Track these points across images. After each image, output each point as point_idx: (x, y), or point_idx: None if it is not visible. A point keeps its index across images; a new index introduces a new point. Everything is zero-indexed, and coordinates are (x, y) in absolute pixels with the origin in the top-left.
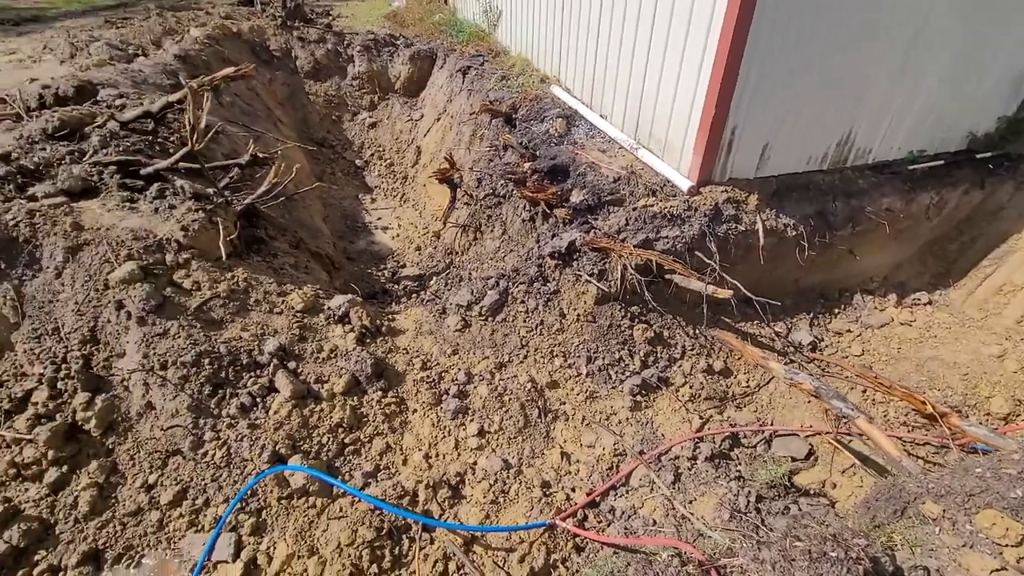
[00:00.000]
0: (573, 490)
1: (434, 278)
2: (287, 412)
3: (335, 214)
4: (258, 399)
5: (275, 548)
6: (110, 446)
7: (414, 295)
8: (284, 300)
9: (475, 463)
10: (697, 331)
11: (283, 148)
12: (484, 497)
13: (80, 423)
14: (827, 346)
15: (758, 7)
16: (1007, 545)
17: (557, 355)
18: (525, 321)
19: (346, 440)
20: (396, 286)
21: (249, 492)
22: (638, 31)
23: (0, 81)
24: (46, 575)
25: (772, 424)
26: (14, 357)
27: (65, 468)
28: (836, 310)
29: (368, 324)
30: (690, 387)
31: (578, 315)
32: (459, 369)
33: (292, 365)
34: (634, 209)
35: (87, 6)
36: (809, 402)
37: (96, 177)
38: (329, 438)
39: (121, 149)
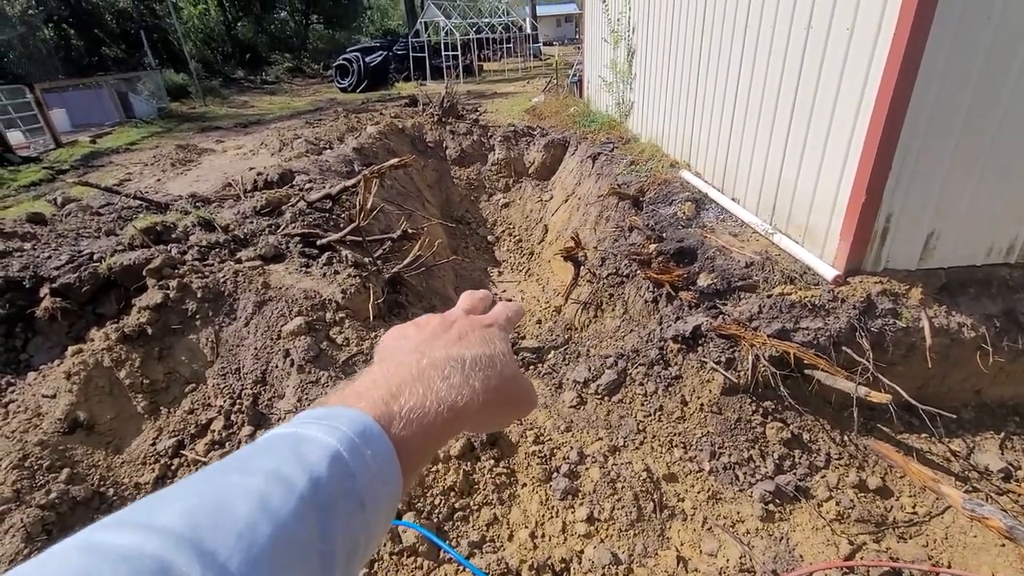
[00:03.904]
0: None
1: (552, 352)
2: None
3: (464, 284)
4: None
5: None
6: None
7: (532, 367)
8: None
9: (582, 551)
10: (846, 438)
11: (428, 225)
12: None
13: None
14: None
15: (915, 92)
16: None
17: (676, 445)
18: (643, 405)
19: (456, 505)
20: (515, 356)
21: None
22: (776, 114)
23: (229, 169)
24: None
25: (950, 567)
26: (205, 389)
27: None
28: None
29: None
30: (837, 503)
31: (702, 404)
32: (571, 447)
33: None
34: (769, 296)
35: (293, 111)
36: (1003, 545)
37: (284, 245)
38: (441, 500)
39: (305, 223)
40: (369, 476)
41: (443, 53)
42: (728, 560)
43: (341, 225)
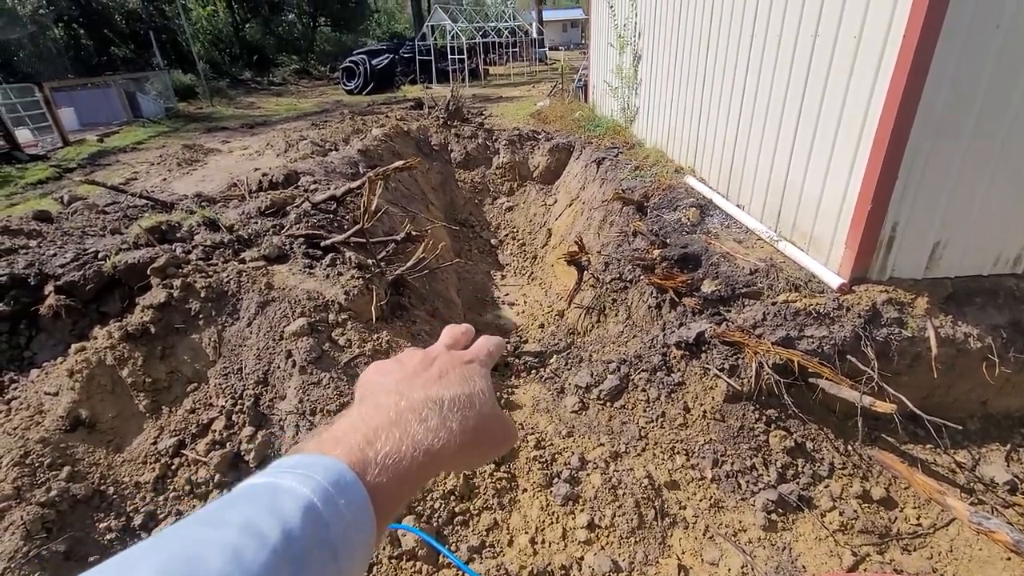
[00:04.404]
0: None
1: (555, 356)
2: None
3: (467, 287)
4: None
5: None
6: None
7: (534, 371)
8: None
9: (582, 558)
10: (850, 448)
11: (432, 227)
12: None
13: (243, 454)
14: None
15: (923, 100)
16: None
17: (679, 452)
18: (645, 411)
19: (456, 509)
20: (517, 360)
21: None
22: (782, 120)
23: (235, 170)
24: None
25: None
26: (207, 389)
27: (225, 492)
28: None
29: None
30: (840, 514)
31: (704, 411)
32: (573, 453)
33: None
34: (773, 304)
35: (299, 113)
36: (1009, 559)
37: (288, 246)
38: (441, 504)
39: (309, 224)
40: (343, 525)
41: (449, 57)
42: (730, 569)
43: (345, 227)
